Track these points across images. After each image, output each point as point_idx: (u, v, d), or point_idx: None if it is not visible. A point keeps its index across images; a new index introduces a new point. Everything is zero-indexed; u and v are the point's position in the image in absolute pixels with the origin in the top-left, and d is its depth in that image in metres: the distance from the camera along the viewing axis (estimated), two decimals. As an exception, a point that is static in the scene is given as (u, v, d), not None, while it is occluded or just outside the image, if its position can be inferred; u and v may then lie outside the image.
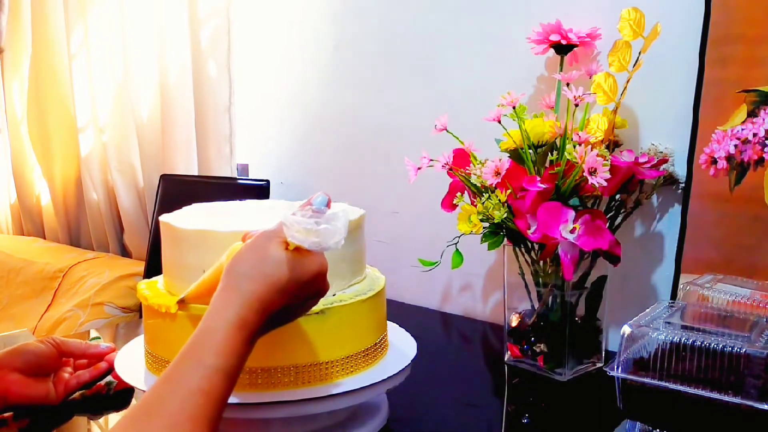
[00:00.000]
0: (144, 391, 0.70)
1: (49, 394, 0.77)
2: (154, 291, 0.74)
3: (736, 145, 0.88)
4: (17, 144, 2.16)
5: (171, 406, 0.47)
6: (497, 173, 0.89)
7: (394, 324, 0.86)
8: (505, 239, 0.93)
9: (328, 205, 0.59)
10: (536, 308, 0.97)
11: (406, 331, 0.86)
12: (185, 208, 0.81)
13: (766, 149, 0.86)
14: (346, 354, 0.71)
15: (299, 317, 0.61)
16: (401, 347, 0.80)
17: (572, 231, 0.84)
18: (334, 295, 0.72)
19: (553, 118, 0.93)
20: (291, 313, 0.59)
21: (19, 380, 0.74)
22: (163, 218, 0.75)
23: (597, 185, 0.82)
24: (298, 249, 0.55)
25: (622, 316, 0.83)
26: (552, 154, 0.90)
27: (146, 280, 0.79)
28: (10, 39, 2.10)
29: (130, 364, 0.76)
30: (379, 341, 0.76)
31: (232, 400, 0.66)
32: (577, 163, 0.83)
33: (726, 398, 0.62)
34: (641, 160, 0.90)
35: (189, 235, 0.70)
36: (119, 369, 0.75)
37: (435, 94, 1.26)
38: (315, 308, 0.69)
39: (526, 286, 0.98)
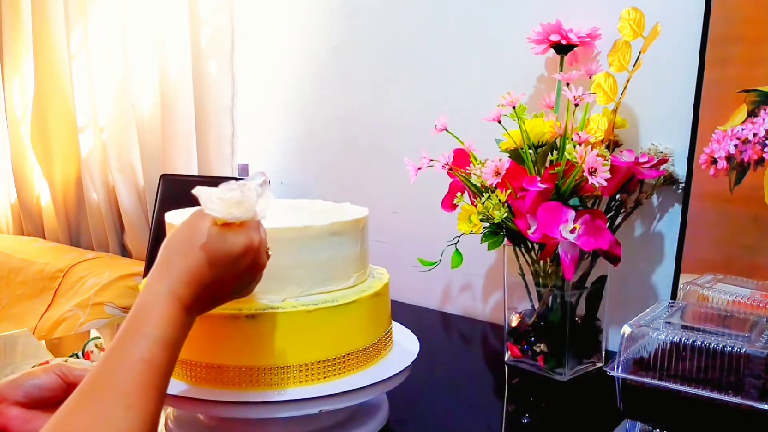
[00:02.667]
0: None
1: None
2: None
3: (736, 145, 0.88)
4: (17, 144, 2.16)
5: (117, 377, 0.49)
6: (497, 173, 0.89)
7: (397, 323, 0.86)
8: (505, 239, 0.93)
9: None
10: (536, 308, 0.97)
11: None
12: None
13: (766, 149, 0.86)
14: (345, 353, 0.71)
15: (243, 294, 0.62)
16: (403, 347, 0.80)
17: (572, 231, 0.84)
18: (336, 292, 0.72)
19: (553, 118, 0.93)
20: (228, 288, 0.59)
21: (19, 415, 0.66)
22: (168, 217, 0.75)
23: (597, 185, 0.82)
24: (226, 224, 0.57)
25: (622, 316, 0.83)
26: (552, 154, 0.90)
27: (147, 278, 0.79)
28: (10, 39, 2.11)
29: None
30: (380, 340, 0.76)
31: (229, 398, 0.66)
32: (577, 163, 0.83)
33: (726, 398, 0.62)
34: (641, 160, 0.90)
35: None
36: None
37: (435, 94, 1.26)
38: (324, 305, 0.69)
39: (526, 286, 0.98)
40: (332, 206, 0.85)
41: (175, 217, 0.75)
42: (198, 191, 0.56)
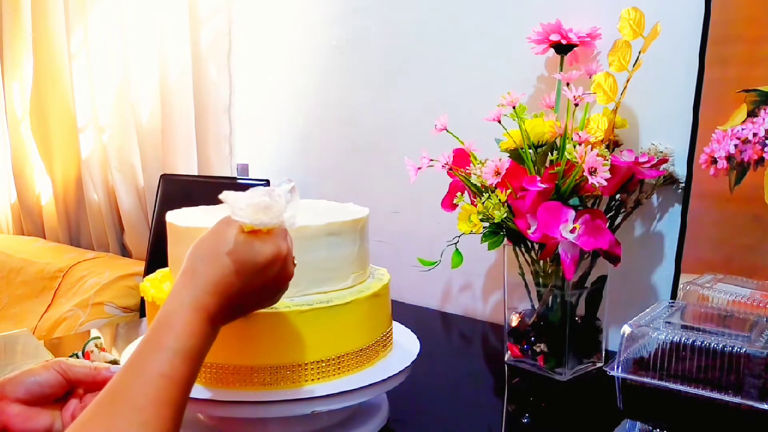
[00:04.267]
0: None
1: (54, 425, 0.69)
2: (159, 289, 0.74)
3: (736, 145, 0.88)
4: (18, 143, 2.16)
5: (134, 391, 0.47)
6: (497, 173, 0.89)
7: (398, 323, 0.86)
8: (505, 239, 0.93)
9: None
10: (536, 308, 0.97)
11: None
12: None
13: (766, 149, 0.86)
14: (340, 354, 0.71)
15: (268, 304, 0.61)
16: (403, 347, 0.80)
17: (572, 231, 0.84)
18: (333, 293, 0.71)
19: (553, 118, 0.93)
20: (254, 298, 0.58)
21: (20, 412, 0.66)
22: (169, 217, 0.75)
23: (597, 185, 0.82)
24: (254, 232, 0.55)
25: (622, 315, 0.83)
26: (552, 154, 0.90)
27: (149, 277, 0.79)
28: (10, 39, 2.11)
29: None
30: (377, 342, 0.76)
31: (229, 397, 0.66)
32: (577, 162, 0.83)
33: (726, 398, 0.62)
34: (641, 159, 0.90)
35: (196, 234, 0.69)
36: None
37: (435, 94, 1.26)
38: (319, 305, 0.69)
39: (526, 286, 0.98)
40: (335, 206, 0.84)
41: (176, 217, 0.74)
42: (225, 196, 0.55)
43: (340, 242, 0.73)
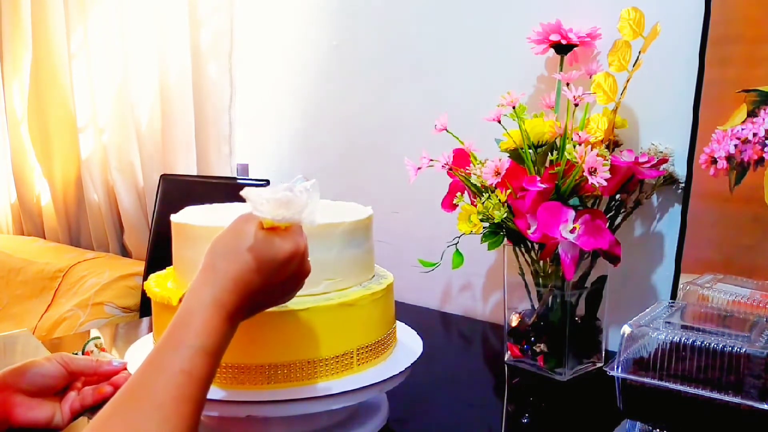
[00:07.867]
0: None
1: (54, 417, 0.70)
2: (164, 288, 0.74)
3: (736, 145, 0.88)
4: (17, 144, 2.16)
5: (154, 388, 0.47)
6: (497, 173, 0.89)
7: (401, 323, 0.85)
8: (505, 239, 0.93)
9: None
10: (536, 308, 0.97)
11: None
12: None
13: (766, 149, 0.86)
14: (347, 351, 0.71)
15: (284, 300, 0.61)
16: (405, 347, 0.80)
17: (572, 231, 0.84)
18: (337, 292, 0.71)
19: (553, 118, 0.93)
20: (273, 294, 0.58)
21: (23, 402, 0.68)
22: (178, 218, 0.74)
23: (597, 185, 0.82)
24: (273, 228, 0.55)
25: (622, 316, 0.83)
26: (552, 154, 0.90)
27: (153, 276, 0.78)
28: (10, 39, 2.11)
29: (141, 360, 0.76)
30: (382, 339, 0.76)
31: (229, 397, 0.66)
32: (577, 163, 0.83)
33: (726, 398, 0.62)
34: (641, 159, 0.90)
35: (205, 233, 0.68)
36: (131, 366, 0.75)
37: (435, 94, 1.26)
38: (330, 302, 0.68)
39: (526, 286, 0.98)
40: (335, 207, 0.84)
41: (181, 217, 0.74)
42: (246, 192, 0.54)
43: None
